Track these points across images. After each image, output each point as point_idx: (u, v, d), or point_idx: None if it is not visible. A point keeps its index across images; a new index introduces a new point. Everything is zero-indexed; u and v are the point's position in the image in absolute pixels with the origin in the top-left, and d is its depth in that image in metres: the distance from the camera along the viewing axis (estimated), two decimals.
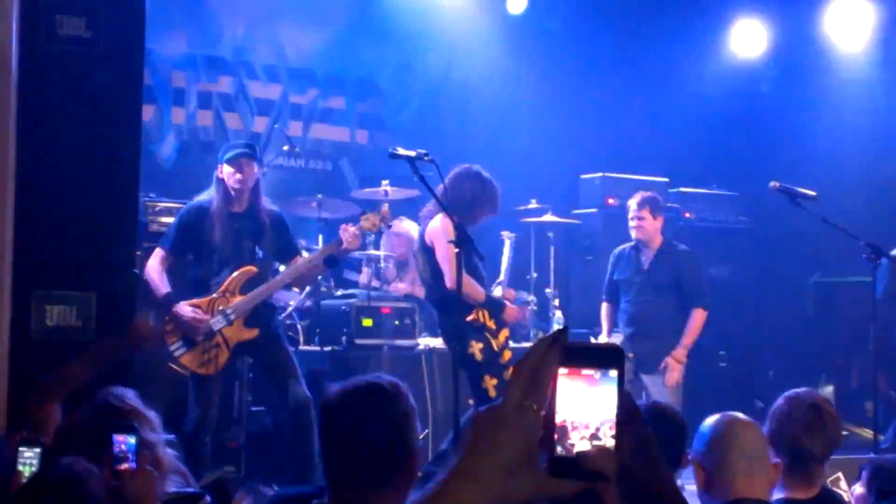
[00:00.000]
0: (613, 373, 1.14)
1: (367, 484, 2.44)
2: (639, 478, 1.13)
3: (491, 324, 6.08)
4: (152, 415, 3.32)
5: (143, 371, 6.17)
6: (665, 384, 6.81)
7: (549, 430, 1.12)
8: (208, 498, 3.28)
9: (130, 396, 3.35)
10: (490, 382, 5.97)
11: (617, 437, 1.12)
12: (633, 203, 7.04)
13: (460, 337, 5.90)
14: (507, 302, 6.31)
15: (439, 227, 5.94)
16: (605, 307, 7.28)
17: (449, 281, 5.80)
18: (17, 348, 4.40)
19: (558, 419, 1.12)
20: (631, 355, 6.95)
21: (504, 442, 1.12)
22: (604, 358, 1.14)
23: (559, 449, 1.12)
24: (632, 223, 7.01)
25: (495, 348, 6.05)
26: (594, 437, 1.12)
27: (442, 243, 5.88)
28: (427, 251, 6.08)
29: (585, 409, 1.13)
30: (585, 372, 1.13)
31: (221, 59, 9.15)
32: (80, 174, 4.57)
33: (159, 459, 3.19)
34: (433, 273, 6.06)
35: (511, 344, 6.33)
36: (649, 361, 6.94)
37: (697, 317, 6.94)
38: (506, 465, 1.11)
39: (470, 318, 5.99)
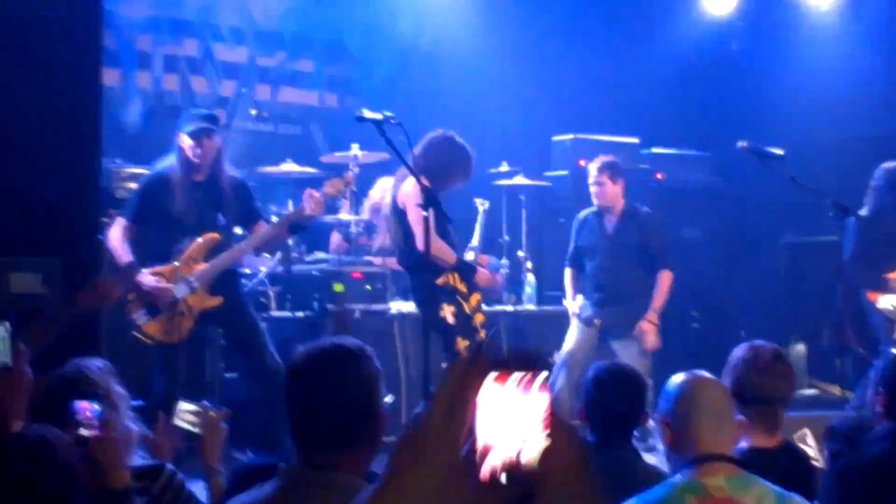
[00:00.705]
0: (541, 377, 1.10)
1: (332, 446, 2.43)
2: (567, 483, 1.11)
3: (462, 287, 6.07)
4: (119, 387, 3.28)
5: (109, 340, 6.12)
6: (637, 349, 6.82)
7: (473, 452, 1.08)
8: (170, 466, 3.26)
9: (99, 366, 3.31)
10: (462, 345, 5.96)
11: (548, 442, 1.09)
12: (592, 168, 7.05)
13: (432, 300, 5.88)
14: (479, 266, 6.30)
15: (410, 191, 5.91)
16: (568, 272, 7.31)
17: (419, 243, 5.77)
18: None
19: (483, 438, 1.08)
20: (598, 322, 6.96)
21: (428, 465, 1.10)
22: (528, 362, 1.10)
23: (485, 468, 1.08)
24: (592, 188, 7.03)
25: (467, 311, 6.04)
26: (521, 447, 1.09)
27: (412, 206, 5.85)
28: (398, 214, 6.05)
29: (511, 418, 1.08)
30: (511, 379, 1.09)
31: (186, 21, 9.02)
32: (40, 140, 4.51)
33: (124, 431, 3.15)
34: (405, 236, 6.04)
35: (483, 307, 6.33)
36: (618, 327, 6.96)
37: (665, 278, 6.97)
38: (432, 485, 1.09)
39: (440, 281, 5.98)
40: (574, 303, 7.16)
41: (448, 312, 5.95)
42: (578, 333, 6.97)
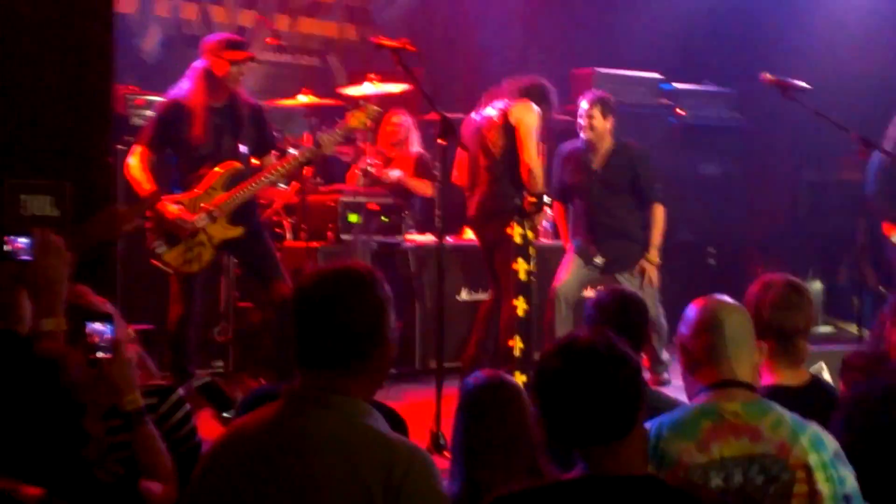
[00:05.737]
0: None
1: (335, 368, 2.40)
2: None
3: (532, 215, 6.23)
4: (113, 309, 3.25)
5: (125, 266, 6.14)
6: (643, 285, 6.73)
7: None
8: (181, 391, 3.25)
9: (90, 293, 3.28)
10: (522, 266, 6.00)
11: None
12: (583, 102, 6.87)
13: (506, 217, 6.07)
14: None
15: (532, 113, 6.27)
16: (557, 208, 7.17)
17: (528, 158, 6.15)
18: None
19: None
20: (600, 260, 6.84)
21: None
22: None
23: None
24: (581, 122, 6.86)
25: (530, 238, 6.15)
26: None
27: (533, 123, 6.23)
28: (508, 129, 6.27)
29: None
30: None
31: None
32: (53, 64, 4.48)
33: (131, 354, 3.14)
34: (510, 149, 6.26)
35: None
36: (619, 261, 6.85)
37: (659, 212, 6.86)
38: None
39: (530, 200, 6.18)
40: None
41: (516, 233, 6.08)
42: (574, 268, 6.84)
